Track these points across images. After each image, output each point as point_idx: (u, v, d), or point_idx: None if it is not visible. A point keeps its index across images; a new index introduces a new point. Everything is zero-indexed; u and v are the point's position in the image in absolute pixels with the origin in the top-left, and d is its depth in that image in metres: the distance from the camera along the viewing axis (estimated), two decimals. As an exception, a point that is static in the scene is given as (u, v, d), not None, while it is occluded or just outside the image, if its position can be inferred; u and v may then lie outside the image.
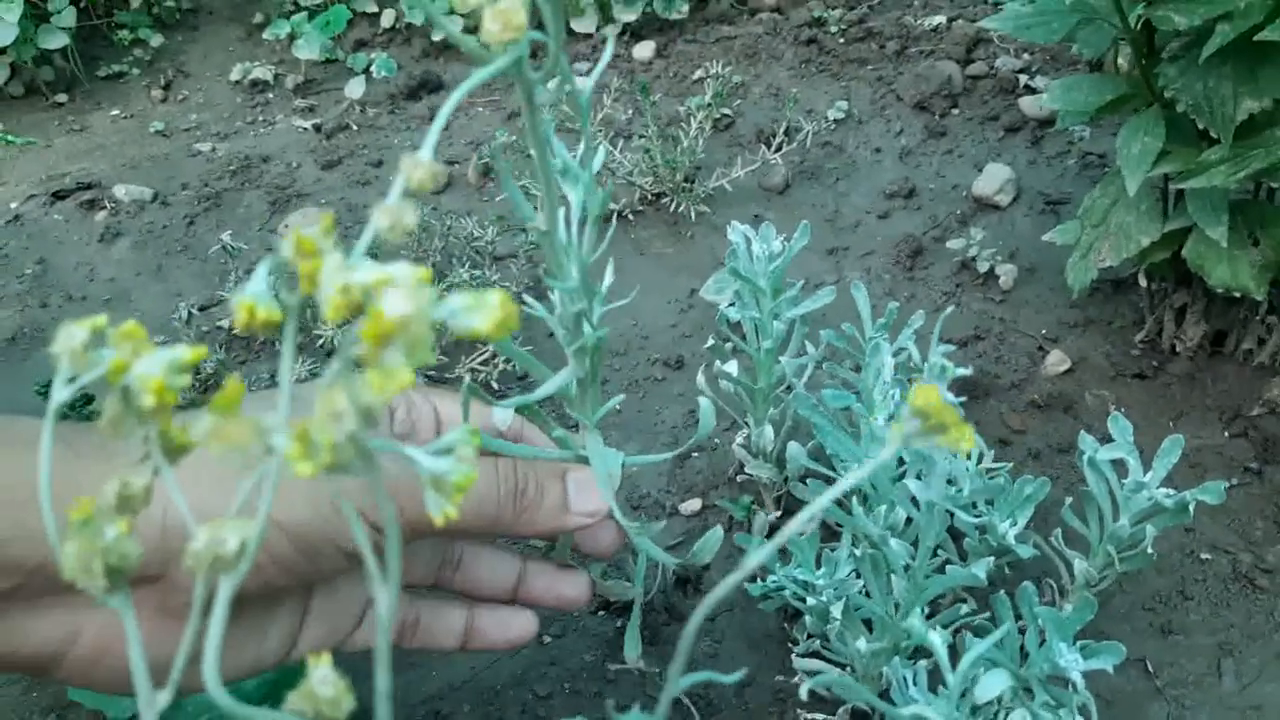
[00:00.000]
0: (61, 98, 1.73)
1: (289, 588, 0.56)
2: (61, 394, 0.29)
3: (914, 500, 0.65)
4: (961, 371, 0.59)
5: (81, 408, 0.90)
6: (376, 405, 0.24)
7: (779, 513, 0.91)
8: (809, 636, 0.78)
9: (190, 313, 1.16)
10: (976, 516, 0.68)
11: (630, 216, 1.31)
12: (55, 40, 1.69)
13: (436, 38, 1.74)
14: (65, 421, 0.43)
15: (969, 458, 0.84)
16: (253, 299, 0.26)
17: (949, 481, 0.67)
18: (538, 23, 0.40)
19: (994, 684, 0.57)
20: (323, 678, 0.29)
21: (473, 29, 0.34)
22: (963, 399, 0.88)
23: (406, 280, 0.24)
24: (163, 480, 0.29)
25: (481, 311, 0.25)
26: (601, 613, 0.85)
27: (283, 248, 0.25)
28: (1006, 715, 0.59)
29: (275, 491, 0.28)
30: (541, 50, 0.42)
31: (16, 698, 0.81)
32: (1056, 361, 1.04)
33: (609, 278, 0.64)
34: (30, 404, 1.04)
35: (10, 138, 1.05)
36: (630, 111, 1.50)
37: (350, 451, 0.24)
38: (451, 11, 0.35)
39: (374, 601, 0.27)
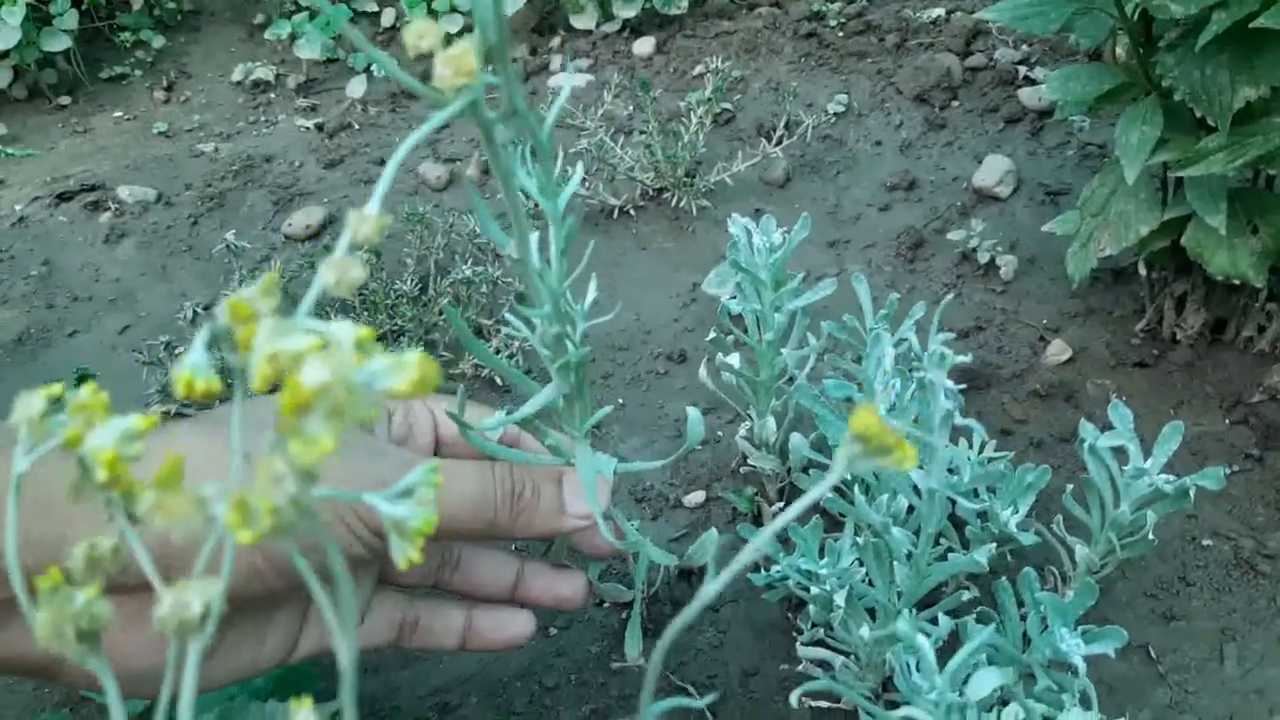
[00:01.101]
0: (65, 100, 1.74)
1: (287, 592, 0.57)
2: (22, 465, 0.29)
3: (916, 489, 0.66)
4: (961, 359, 0.60)
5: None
6: (316, 467, 0.24)
7: (782, 504, 0.92)
8: (813, 625, 0.79)
9: (195, 312, 1.17)
10: (978, 504, 0.68)
11: (632, 212, 1.32)
12: (58, 43, 1.70)
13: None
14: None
15: (970, 445, 0.85)
16: (191, 370, 0.26)
17: (950, 470, 0.68)
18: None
19: (986, 682, 0.58)
20: None
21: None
22: (963, 387, 0.88)
23: (345, 341, 0.24)
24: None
25: (400, 373, 0.25)
26: (607, 605, 0.86)
27: (220, 313, 0.25)
28: (1004, 706, 0.59)
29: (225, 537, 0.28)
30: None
31: (29, 694, 0.82)
32: (1057, 351, 1.05)
33: (592, 294, 0.64)
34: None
35: (10, 151, 1.05)
36: (630, 107, 1.51)
37: (291, 514, 0.24)
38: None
39: (339, 633, 0.27)
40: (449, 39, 0.34)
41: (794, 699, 0.46)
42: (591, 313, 0.59)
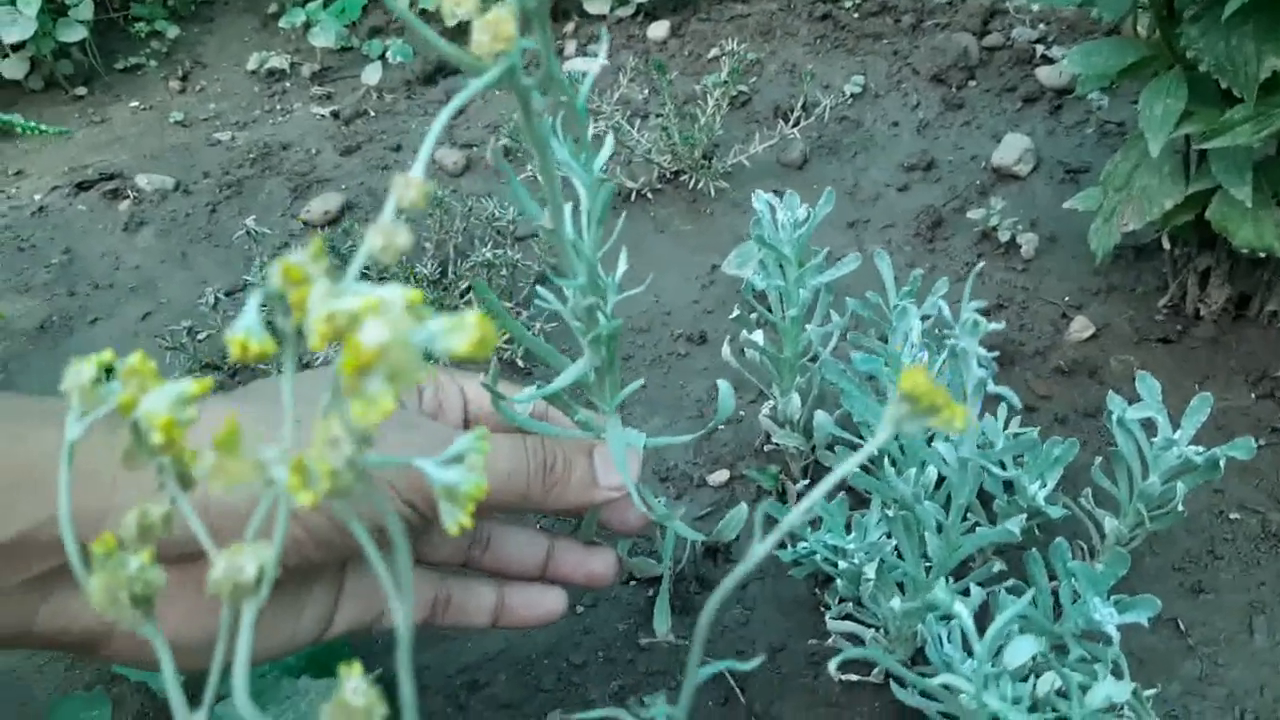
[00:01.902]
0: (81, 91, 1.74)
1: (325, 564, 0.57)
2: (75, 431, 0.29)
3: (945, 461, 0.65)
4: (994, 326, 0.59)
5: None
6: (372, 430, 0.24)
7: (807, 481, 0.92)
8: (840, 600, 0.79)
9: (217, 298, 1.17)
10: (1007, 475, 0.68)
11: (649, 195, 1.32)
12: (73, 33, 1.70)
13: (450, 23, 1.74)
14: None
15: (996, 418, 0.84)
16: (245, 333, 0.26)
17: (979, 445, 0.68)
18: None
19: (1023, 650, 0.58)
20: (355, 688, 0.29)
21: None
22: (996, 354, 0.87)
23: (396, 303, 0.24)
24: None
25: (460, 333, 0.25)
26: (633, 583, 0.86)
27: (272, 277, 0.25)
28: (1038, 677, 0.59)
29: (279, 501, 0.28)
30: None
31: (61, 673, 0.83)
32: (1080, 328, 1.04)
33: (622, 266, 0.64)
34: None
35: (44, 127, 1.05)
36: (646, 91, 1.50)
37: (349, 476, 0.24)
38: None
39: (396, 597, 0.28)
40: (485, 5, 0.34)
41: (833, 668, 0.46)
42: (622, 285, 0.59)
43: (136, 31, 1.84)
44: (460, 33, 0.34)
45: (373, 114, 1.59)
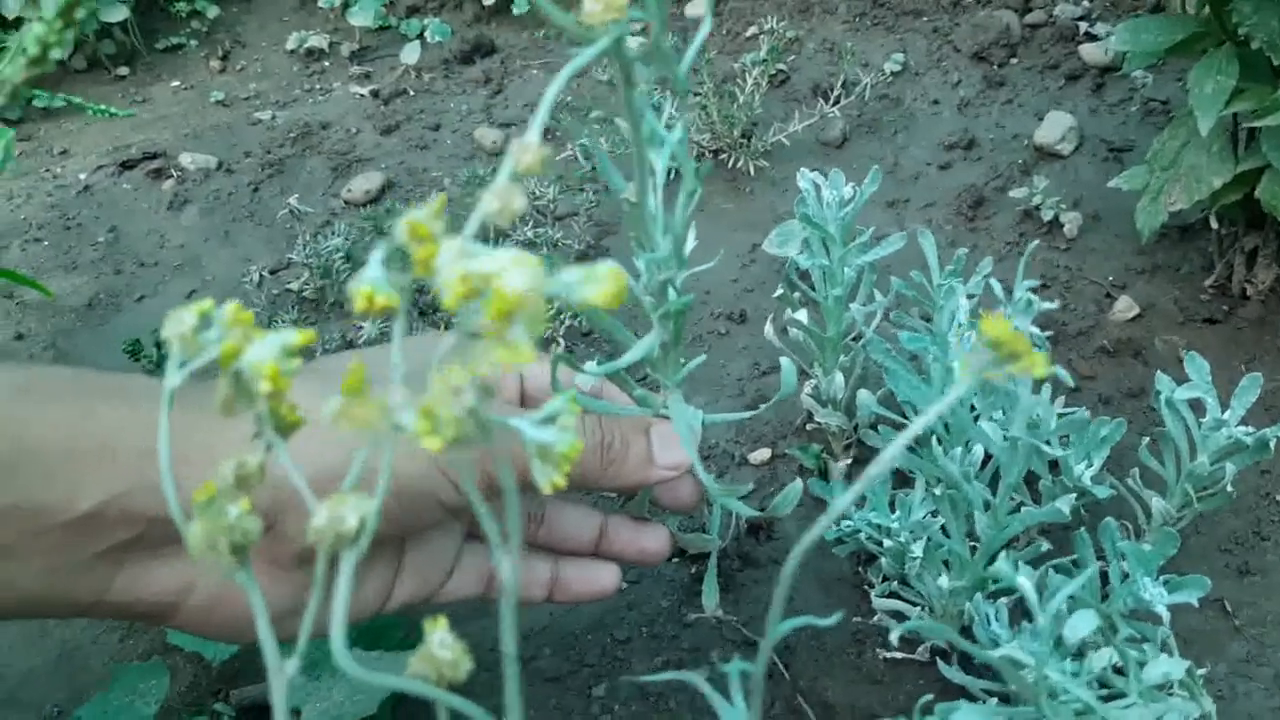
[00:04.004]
0: (123, 71, 1.76)
1: (387, 540, 0.58)
2: (174, 379, 0.30)
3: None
4: (1047, 305, 0.59)
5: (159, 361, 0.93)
6: (493, 379, 0.25)
7: (849, 461, 0.92)
8: (884, 579, 0.79)
9: (261, 276, 1.18)
10: (1052, 455, 0.68)
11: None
12: (115, 14, 1.71)
13: (488, 1, 1.74)
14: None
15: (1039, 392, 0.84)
16: (371, 285, 0.27)
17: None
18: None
19: (1082, 624, 0.58)
20: (441, 641, 0.30)
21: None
22: (1049, 333, 0.87)
23: (522, 265, 0.25)
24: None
25: (594, 284, 0.26)
26: (676, 560, 0.87)
27: (396, 232, 0.26)
28: (1094, 652, 0.59)
29: (383, 451, 0.29)
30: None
31: (114, 645, 0.84)
32: (1124, 308, 1.04)
33: (692, 242, 0.65)
34: (112, 366, 1.06)
35: (113, 110, 1.06)
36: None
37: (470, 425, 0.25)
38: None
39: (495, 559, 0.28)
40: None
41: (894, 637, 0.46)
42: (691, 261, 0.60)
43: (177, 11, 1.85)
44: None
45: (411, 93, 1.59)
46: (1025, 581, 0.50)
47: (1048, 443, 0.74)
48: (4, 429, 0.46)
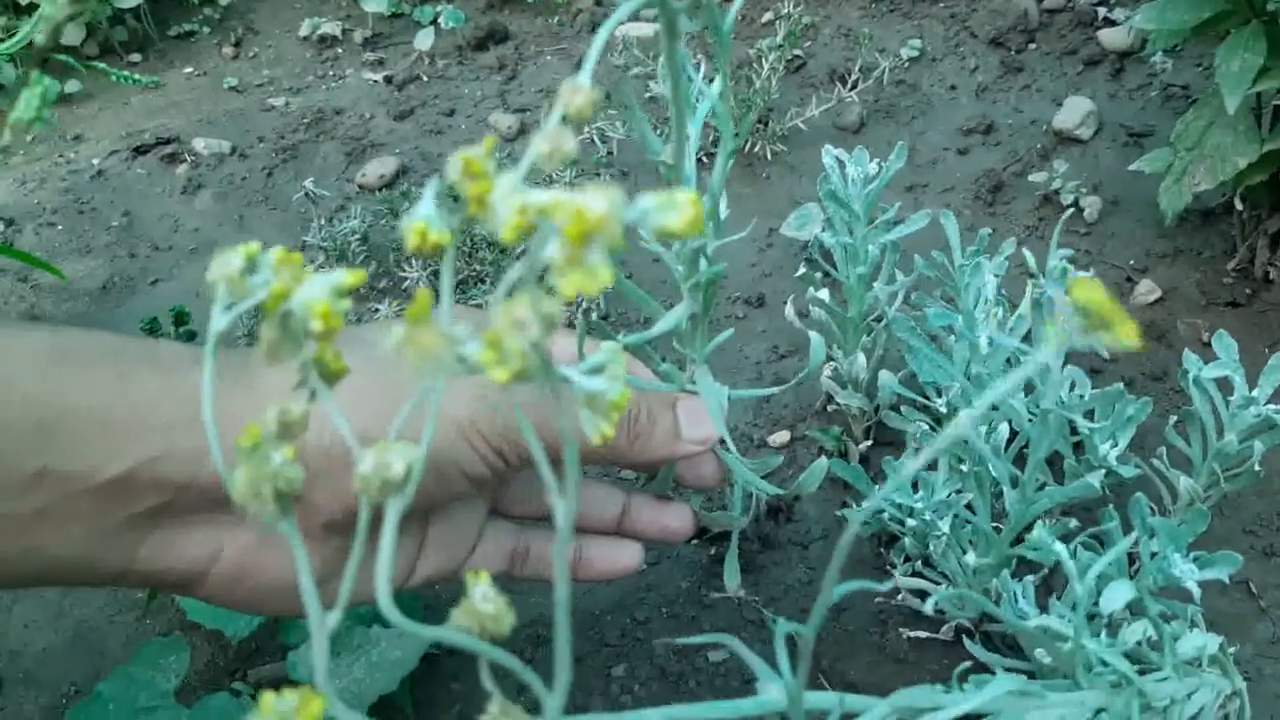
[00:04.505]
0: (135, 57, 1.76)
1: (411, 513, 0.58)
2: (221, 321, 0.29)
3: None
4: (1082, 275, 0.58)
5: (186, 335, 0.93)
6: (556, 315, 0.24)
7: (869, 442, 0.91)
8: (906, 559, 0.78)
9: (276, 259, 1.18)
10: (1087, 427, 0.67)
11: (704, 159, 1.31)
12: (128, 0, 1.71)
13: None
14: (200, 346, 0.44)
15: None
16: (425, 221, 0.26)
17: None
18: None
19: (1118, 596, 0.57)
20: (483, 595, 0.30)
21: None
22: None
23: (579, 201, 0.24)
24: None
25: (673, 210, 0.25)
26: (695, 541, 0.86)
27: (449, 170, 0.25)
28: (1127, 626, 0.59)
29: (409, 417, 0.28)
30: None
31: (131, 625, 0.84)
32: (1146, 291, 1.03)
33: (724, 211, 0.64)
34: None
35: (137, 77, 1.06)
36: (700, 55, 1.49)
37: (534, 359, 0.24)
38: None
39: (552, 510, 0.28)
40: None
41: (929, 607, 0.46)
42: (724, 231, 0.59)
43: (189, -2, 1.85)
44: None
45: (425, 79, 1.59)
46: (1062, 548, 0.50)
47: (1079, 417, 0.73)
48: (39, 394, 0.45)
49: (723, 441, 0.63)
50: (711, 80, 0.57)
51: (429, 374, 0.24)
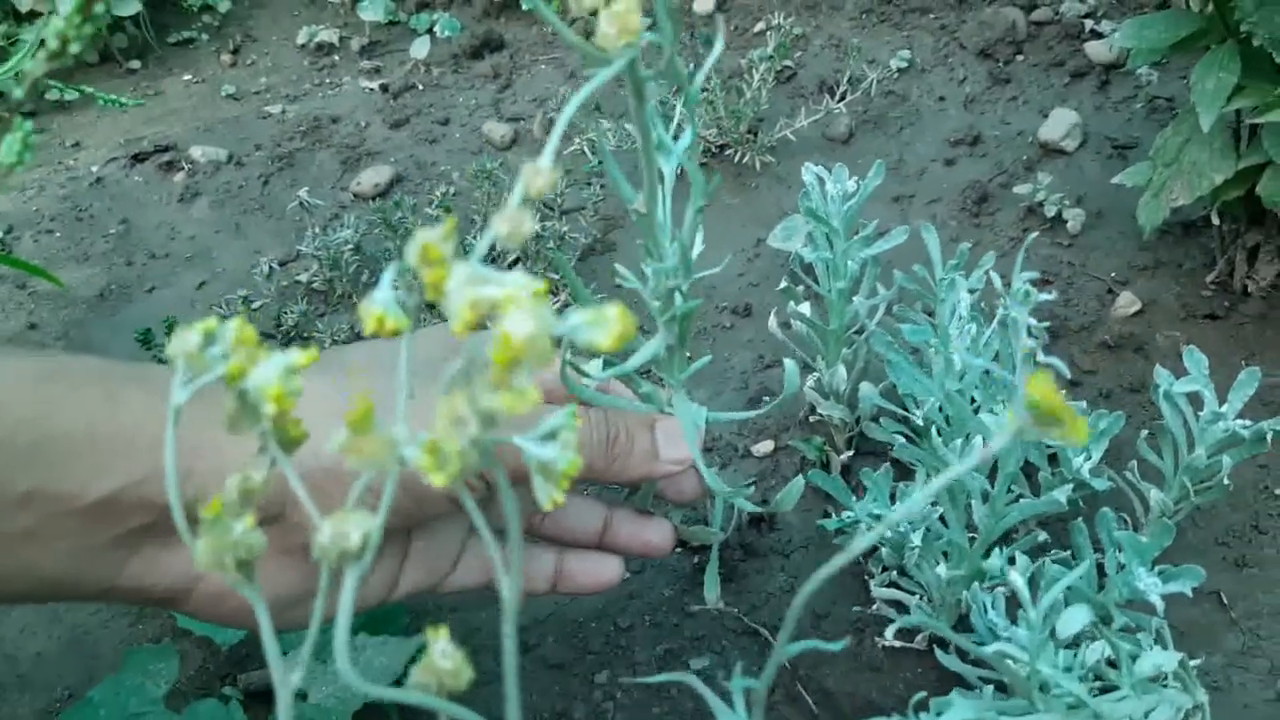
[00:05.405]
0: (134, 64, 1.77)
1: (393, 531, 0.59)
2: (181, 396, 0.31)
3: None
4: (1045, 297, 0.60)
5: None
6: (497, 411, 0.25)
7: (851, 453, 0.93)
8: (884, 569, 0.80)
9: (271, 268, 1.19)
10: (1055, 444, 0.69)
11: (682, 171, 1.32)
12: (128, 8, 1.73)
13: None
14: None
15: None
16: (382, 308, 0.28)
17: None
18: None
19: (1074, 620, 0.58)
20: (442, 651, 0.31)
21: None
22: (1047, 324, 0.88)
23: (527, 292, 0.25)
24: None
25: (602, 327, 0.26)
26: (679, 550, 0.88)
27: (407, 253, 0.27)
28: (1087, 646, 0.60)
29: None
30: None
31: (124, 630, 0.86)
32: (1126, 303, 1.05)
33: (699, 247, 0.66)
34: (123, 356, 1.08)
35: (124, 100, 1.08)
36: (691, 65, 1.51)
37: (474, 455, 0.25)
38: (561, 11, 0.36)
39: (494, 564, 0.29)
40: None
41: (889, 635, 0.47)
42: (697, 265, 0.61)
43: (188, 6, 1.86)
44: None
45: (420, 88, 1.60)
46: (1017, 577, 0.51)
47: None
48: (29, 415, 0.47)
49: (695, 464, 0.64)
50: (677, 137, 0.59)
51: (369, 470, 0.26)
